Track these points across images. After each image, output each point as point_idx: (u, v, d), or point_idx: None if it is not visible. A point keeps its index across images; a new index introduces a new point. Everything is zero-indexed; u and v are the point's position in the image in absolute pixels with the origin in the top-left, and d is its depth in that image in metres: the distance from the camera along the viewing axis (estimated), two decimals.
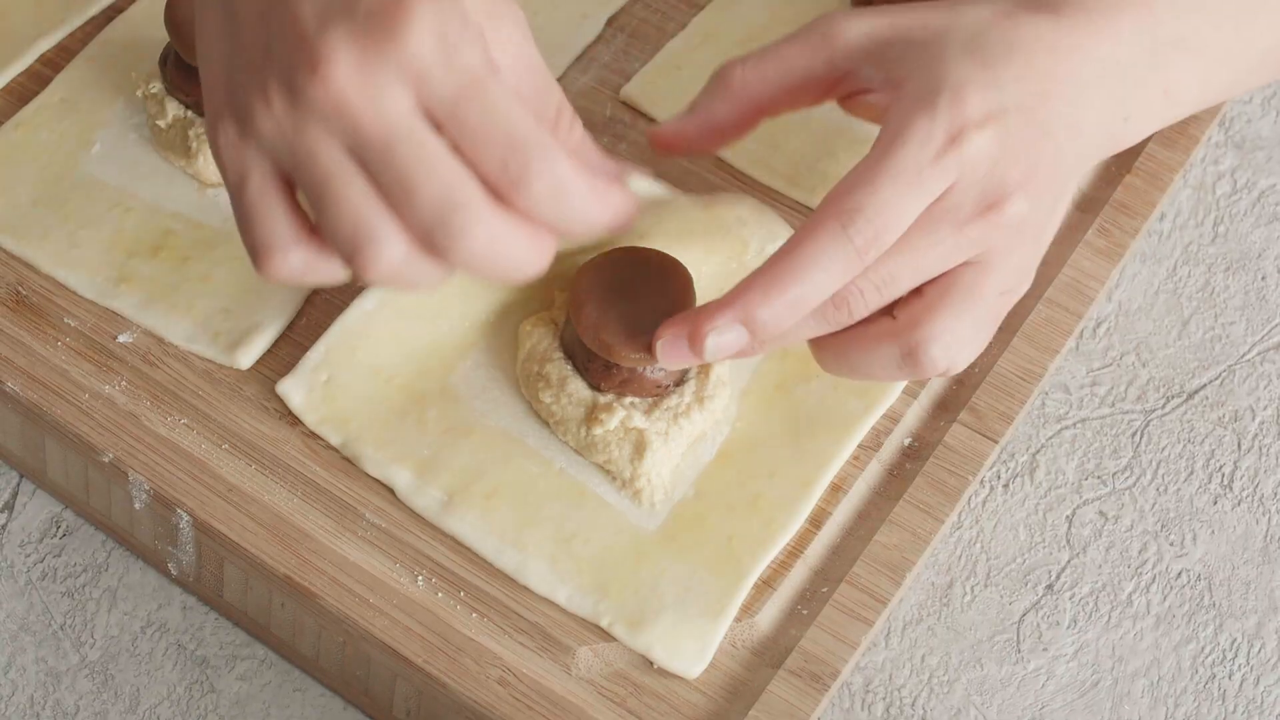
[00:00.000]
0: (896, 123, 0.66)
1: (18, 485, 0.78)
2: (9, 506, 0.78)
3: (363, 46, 0.60)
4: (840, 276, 0.66)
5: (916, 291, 0.67)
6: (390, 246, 0.61)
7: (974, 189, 0.66)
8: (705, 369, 0.74)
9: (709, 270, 0.76)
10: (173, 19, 0.79)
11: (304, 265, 0.63)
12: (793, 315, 0.66)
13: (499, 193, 0.61)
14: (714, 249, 0.77)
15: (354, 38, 0.60)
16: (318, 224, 0.62)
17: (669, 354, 0.67)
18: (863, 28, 0.70)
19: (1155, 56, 0.71)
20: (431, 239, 0.61)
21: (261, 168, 0.62)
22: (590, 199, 0.62)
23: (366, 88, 0.60)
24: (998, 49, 0.68)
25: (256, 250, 0.63)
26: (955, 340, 0.67)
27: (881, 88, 0.69)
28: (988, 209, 0.66)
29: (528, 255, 0.62)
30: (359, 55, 0.60)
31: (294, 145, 0.61)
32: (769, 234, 0.78)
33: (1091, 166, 0.71)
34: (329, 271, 0.63)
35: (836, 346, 0.69)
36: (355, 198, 0.61)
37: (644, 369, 0.72)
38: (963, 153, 0.66)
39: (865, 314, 0.67)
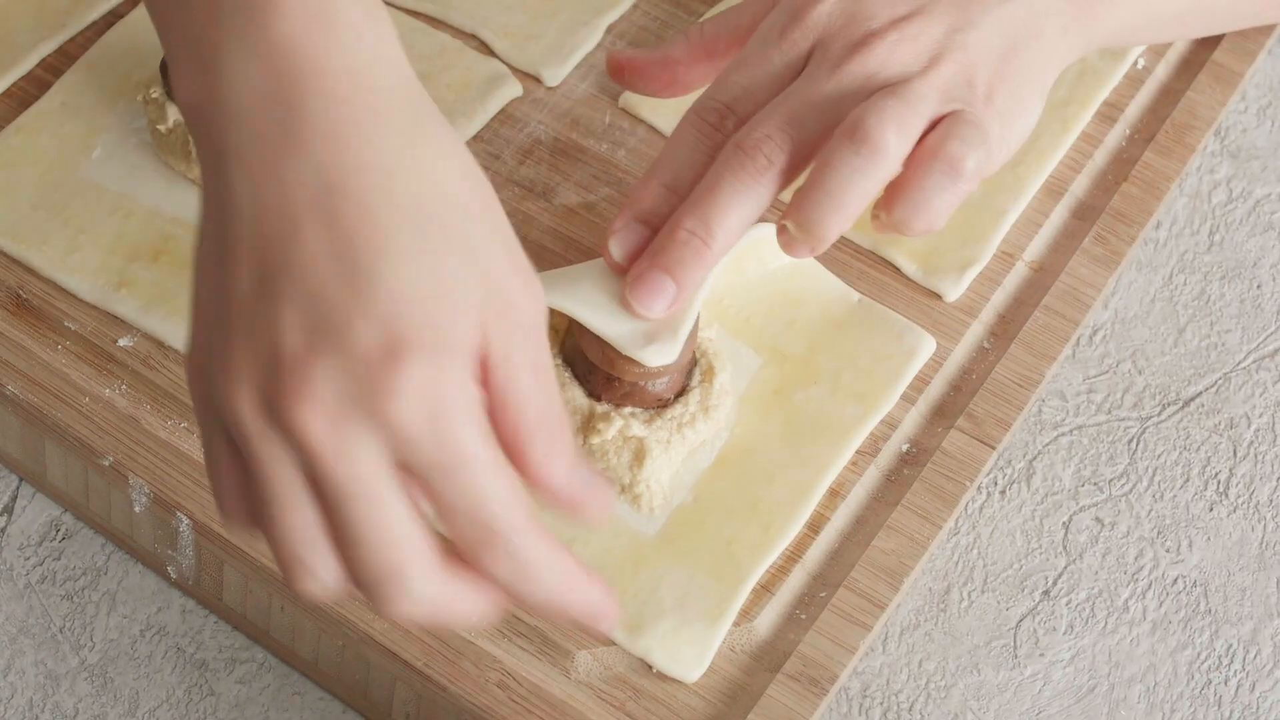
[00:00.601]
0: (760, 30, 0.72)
1: (17, 488, 0.78)
2: (9, 510, 0.78)
3: (347, 396, 0.57)
4: (700, 150, 0.70)
5: None
6: (323, 580, 0.59)
7: (838, 40, 0.70)
8: (709, 378, 0.74)
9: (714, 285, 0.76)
10: None
11: (252, 534, 0.61)
12: (669, 196, 0.70)
13: (463, 554, 0.59)
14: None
15: (339, 382, 0.57)
16: (260, 523, 0.60)
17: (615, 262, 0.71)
18: None
19: None
20: (363, 589, 0.59)
21: (220, 436, 0.60)
22: (555, 583, 0.59)
23: (339, 437, 0.57)
24: None
25: (217, 505, 0.61)
26: (894, 121, 0.68)
27: None
28: (855, 47, 0.70)
29: (473, 611, 0.60)
30: (339, 405, 0.57)
31: (252, 447, 0.58)
32: (770, 241, 0.79)
33: (1075, 35, 0.75)
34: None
35: (892, 199, 0.70)
36: (300, 525, 0.58)
37: (645, 383, 0.72)
38: (810, 20, 0.71)
39: (784, 154, 0.69)
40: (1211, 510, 0.81)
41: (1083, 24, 0.75)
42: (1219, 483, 0.82)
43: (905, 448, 0.78)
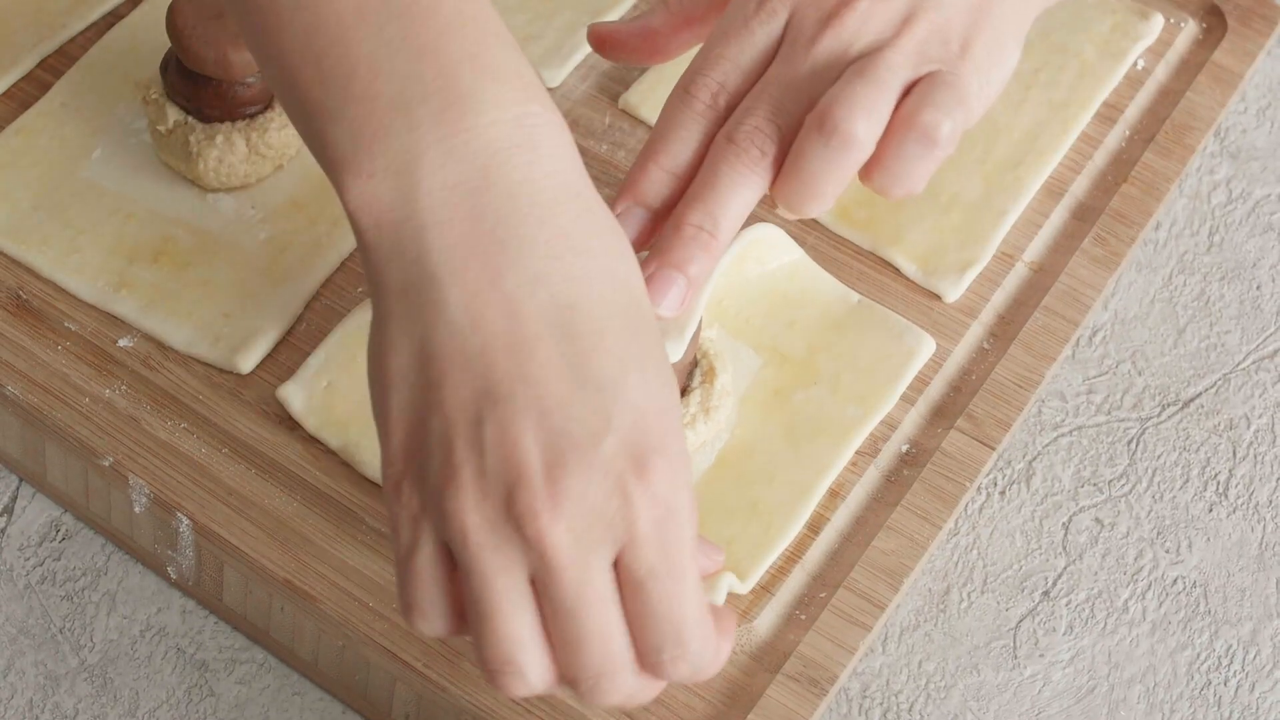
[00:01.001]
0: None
1: (17, 489, 0.78)
2: (9, 510, 0.78)
3: (596, 503, 0.59)
4: (697, 131, 0.69)
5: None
6: (532, 680, 0.61)
7: (810, 13, 0.69)
8: (709, 379, 0.75)
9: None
10: (174, 25, 0.79)
11: (446, 632, 0.62)
12: (669, 180, 0.69)
13: (642, 660, 0.62)
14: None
15: (589, 491, 0.58)
16: (471, 627, 0.61)
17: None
18: None
19: None
20: (575, 685, 0.61)
21: (434, 545, 0.60)
22: (711, 665, 0.63)
23: (585, 544, 0.59)
24: None
25: (407, 606, 0.62)
26: (861, 109, 0.68)
27: None
28: (830, 17, 0.69)
29: (646, 699, 0.63)
30: (589, 512, 0.59)
31: (481, 557, 0.59)
32: (769, 242, 0.79)
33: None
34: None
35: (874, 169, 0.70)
36: (518, 630, 0.60)
37: None
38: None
39: (774, 143, 0.69)
40: (1211, 511, 0.81)
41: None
42: (1218, 483, 0.82)
43: (905, 448, 0.78)
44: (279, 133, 0.81)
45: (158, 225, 0.80)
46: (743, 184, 0.69)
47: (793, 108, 0.69)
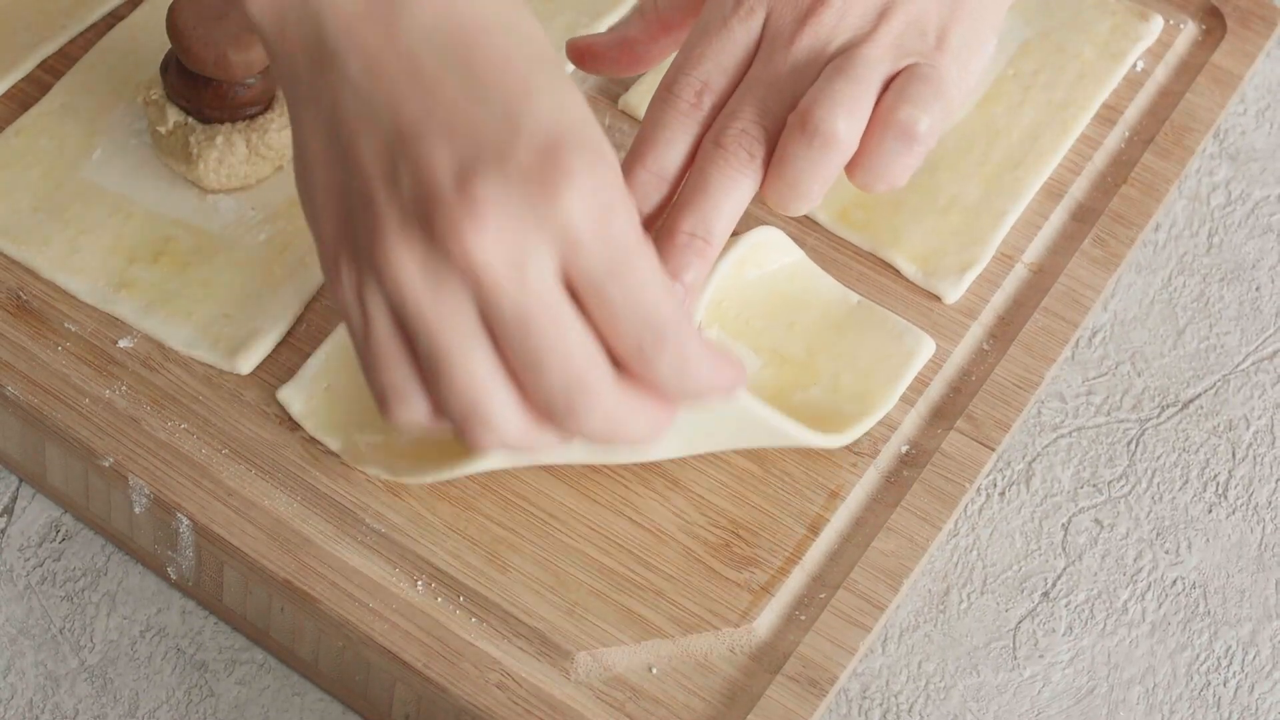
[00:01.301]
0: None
1: (17, 489, 0.78)
2: (9, 511, 0.78)
3: (517, 207, 0.57)
4: (684, 132, 0.70)
5: None
6: (503, 425, 0.59)
7: (787, 11, 0.70)
8: None
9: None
10: (174, 26, 0.79)
11: (429, 415, 0.61)
12: (659, 183, 0.69)
13: (625, 365, 0.60)
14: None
15: (504, 198, 0.57)
16: (430, 388, 0.60)
17: None
18: None
19: None
20: (550, 414, 0.59)
21: (384, 316, 0.60)
22: (713, 374, 0.61)
23: (515, 254, 0.57)
24: None
25: (381, 397, 0.61)
26: (843, 109, 0.68)
27: None
28: (807, 15, 0.70)
29: (645, 427, 0.61)
30: (511, 217, 0.57)
31: (421, 306, 0.58)
32: (769, 244, 0.79)
33: None
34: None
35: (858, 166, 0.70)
36: (475, 370, 0.59)
37: None
38: None
39: (761, 145, 0.69)
40: (1210, 512, 0.81)
41: None
42: (1218, 484, 0.82)
43: (905, 449, 0.78)
44: (279, 134, 0.81)
45: (158, 226, 0.80)
46: (733, 187, 0.69)
47: (776, 108, 0.69)
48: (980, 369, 0.80)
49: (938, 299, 0.82)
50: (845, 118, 0.68)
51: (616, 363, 0.60)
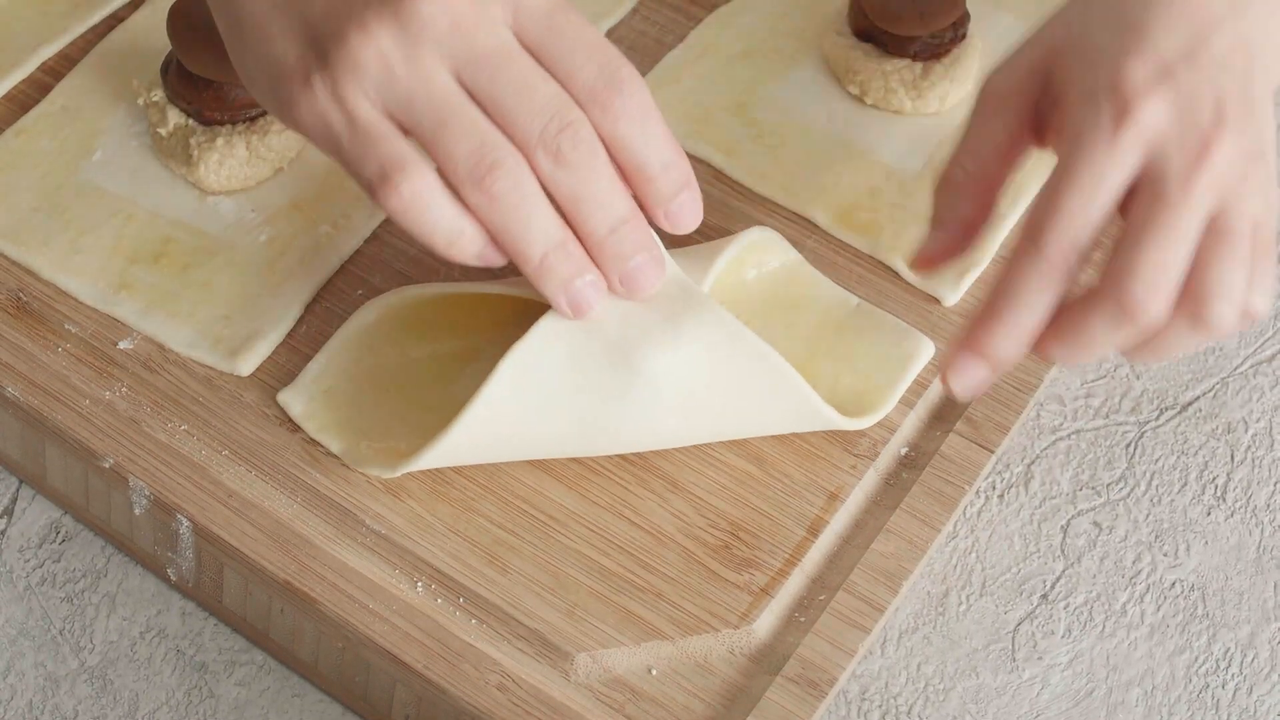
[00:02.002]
0: (1068, 132, 0.66)
1: (17, 491, 0.79)
2: (8, 512, 0.78)
3: None
4: (1049, 292, 0.66)
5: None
6: (515, 163, 0.65)
7: (1171, 157, 0.65)
8: None
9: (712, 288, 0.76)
10: (175, 27, 0.79)
11: (432, 188, 0.66)
12: (1020, 342, 0.67)
13: (591, 104, 0.66)
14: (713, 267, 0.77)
15: None
16: (434, 155, 0.66)
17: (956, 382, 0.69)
18: (1007, 71, 0.70)
19: None
20: (547, 136, 0.65)
21: (366, 103, 0.65)
22: (664, 130, 0.68)
23: (475, 10, 0.64)
24: (1137, 7, 0.67)
25: (384, 174, 0.66)
26: (1233, 289, 0.66)
27: (1056, 110, 0.68)
28: (1195, 166, 0.65)
29: (615, 185, 0.68)
30: None
31: (407, 75, 0.65)
32: (766, 244, 0.79)
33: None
34: (449, 210, 0.67)
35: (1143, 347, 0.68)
36: (477, 120, 0.65)
37: None
38: (1139, 129, 0.65)
39: (1153, 309, 0.66)
40: (1209, 514, 0.82)
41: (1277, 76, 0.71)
42: (1216, 487, 0.82)
43: (904, 451, 0.78)
44: (279, 136, 0.81)
45: (158, 227, 0.80)
46: (1114, 337, 0.67)
47: (1160, 268, 0.65)
48: None
49: (937, 301, 0.82)
50: (1233, 307, 0.66)
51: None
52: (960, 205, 0.72)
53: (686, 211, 0.71)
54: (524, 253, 0.68)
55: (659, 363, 0.71)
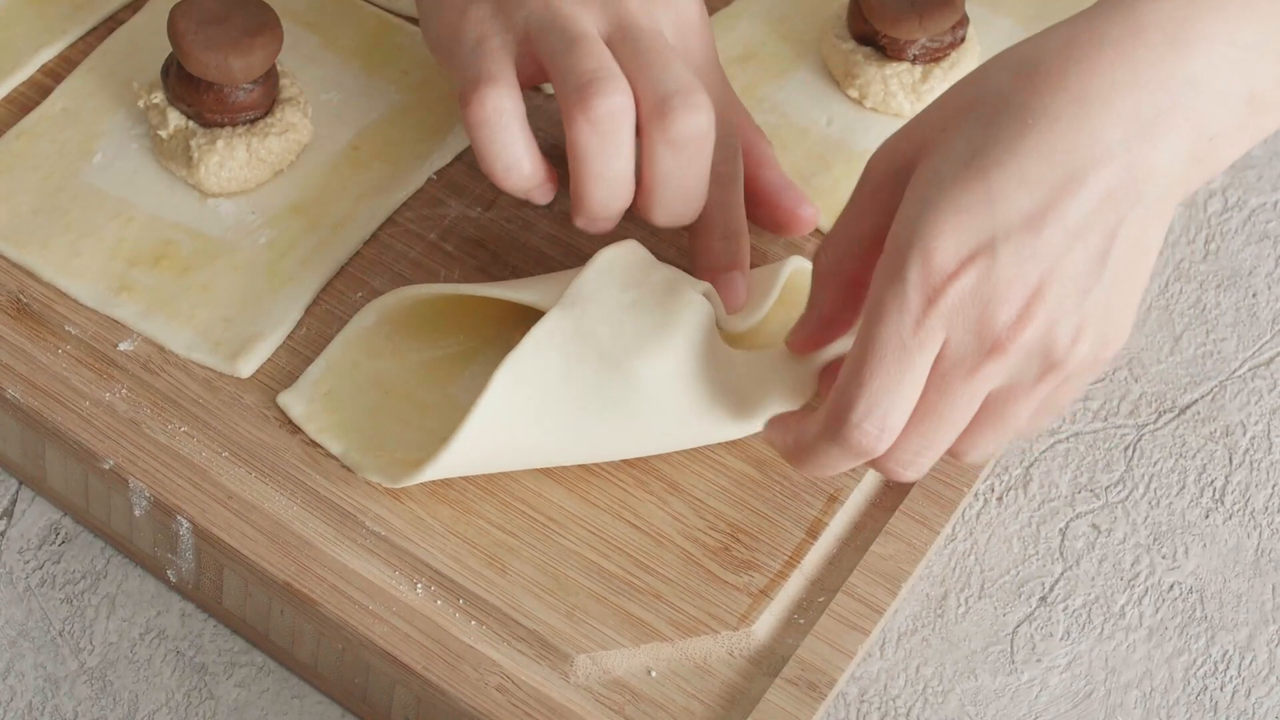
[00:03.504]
0: (874, 295, 0.65)
1: (17, 492, 0.79)
2: (8, 513, 0.78)
3: None
4: (849, 460, 0.67)
5: None
6: (619, 92, 0.71)
7: (968, 337, 0.64)
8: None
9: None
10: (175, 30, 0.79)
11: (512, 112, 0.72)
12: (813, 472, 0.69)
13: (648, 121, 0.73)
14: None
15: None
16: (554, 73, 0.73)
17: None
18: (881, 156, 0.68)
19: (1231, 65, 0.66)
20: (668, 103, 0.72)
21: (508, 33, 0.73)
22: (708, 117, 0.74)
23: None
24: (1008, 134, 0.64)
25: (476, 83, 0.73)
26: (992, 449, 0.69)
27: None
28: (992, 350, 0.64)
29: (705, 177, 0.75)
30: None
31: (559, 10, 0.73)
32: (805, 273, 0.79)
33: (1185, 193, 0.67)
34: (521, 141, 0.73)
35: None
36: (600, 53, 0.72)
37: None
38: (943, 309, 0.63)
39: (920, 475, 0.68)
40: (1207, 517, 0.82)
41: (1181, 195, 0.68)
42: (1215, 490, 0.82)
43: None
44: (279, 138, 0.81)
45: (158, 229, 0.80)
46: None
47: (943, 439, 0.67)
48: None
49: None
50: (993, 453, 0.69)
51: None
52: (823, 296, 0.71)
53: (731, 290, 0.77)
54: (585, 191, 0.74)
55: (652, 368, 0.71)
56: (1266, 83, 0.67)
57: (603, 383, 0.71)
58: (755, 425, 0.75)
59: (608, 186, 0.73)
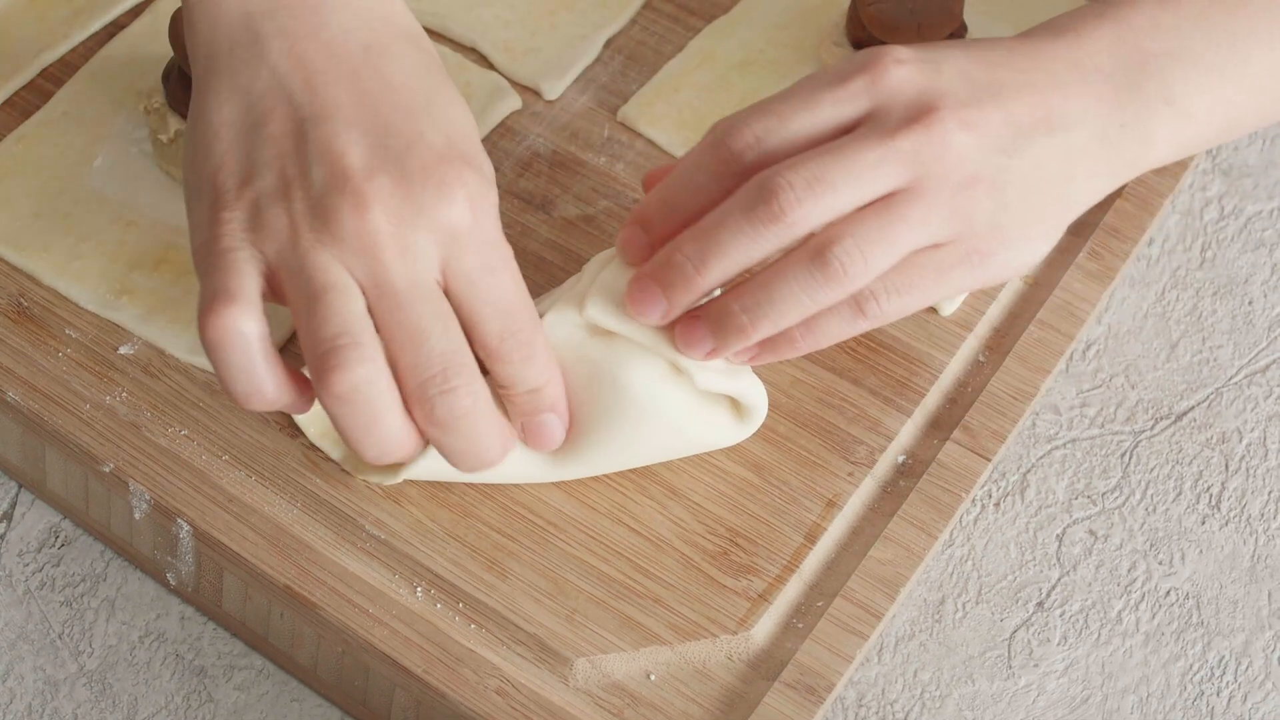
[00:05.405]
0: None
1: (16, 495, 0.79)
2: (8, 516, 0.78)
3: (412, 201, 0.65)
4: (712, 171, 0.68)
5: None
6: (361, 363, 0.64)
7: (898, 109, 0.67)
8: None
9: None
10: (177, 34, 0.79)
11: (252, 328, 0.65)
12: (666, 210, 0.69)
13: (486, 358, 0.67)
14: None
15: (405, 190, 0.65)
16: (299, 326, 0.66)
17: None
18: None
19: (1145, 65, 0.71)
20: (425, 390, 0.65)
21: (253, 252, 0.66)
22: (549, 378, 0.69)
23: (406, 238, 0.65)
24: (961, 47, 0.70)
25: (214, 296, 0.65)
26: (864, 247, 0.66)
27: None
28: (915, 119, 0.67)
29: (492, 439, 0.68)
30: (401, 209, 0.65)
31: (308, 256, 0.65)
32: None
33: (1103, 178, 0.71)
34: (260, 365, 0.66)
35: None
36: (351, 308, 0.65)
37: None
38: (877, 82, 0.68)
39: (804, 215, 0.66)
40: (1204, 523, 0.82)
41: (1112, 168, 0.72)
42: (1211, 496, 0.83)
43: (901, 459, 0.78)
44: None
45: (159, 233, 0.80)
46: (749, 236, 0.67)
47: (841, 189, 0.66)
48: (976, 381, 0.81)
49: (934, 310, 0.82)
50: (864, 266, 0.66)
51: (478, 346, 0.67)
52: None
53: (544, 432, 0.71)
54: (359, 449, 0.67)
55: (643, 376, 0.71)
56: (1182, 87, 0.72)
57: (597, 390, 0.72)
58: (752, 428, 0.75)
59: (379, 446, 0.67)
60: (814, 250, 0.67)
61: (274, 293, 0.67)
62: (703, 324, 0.69)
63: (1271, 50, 0.74)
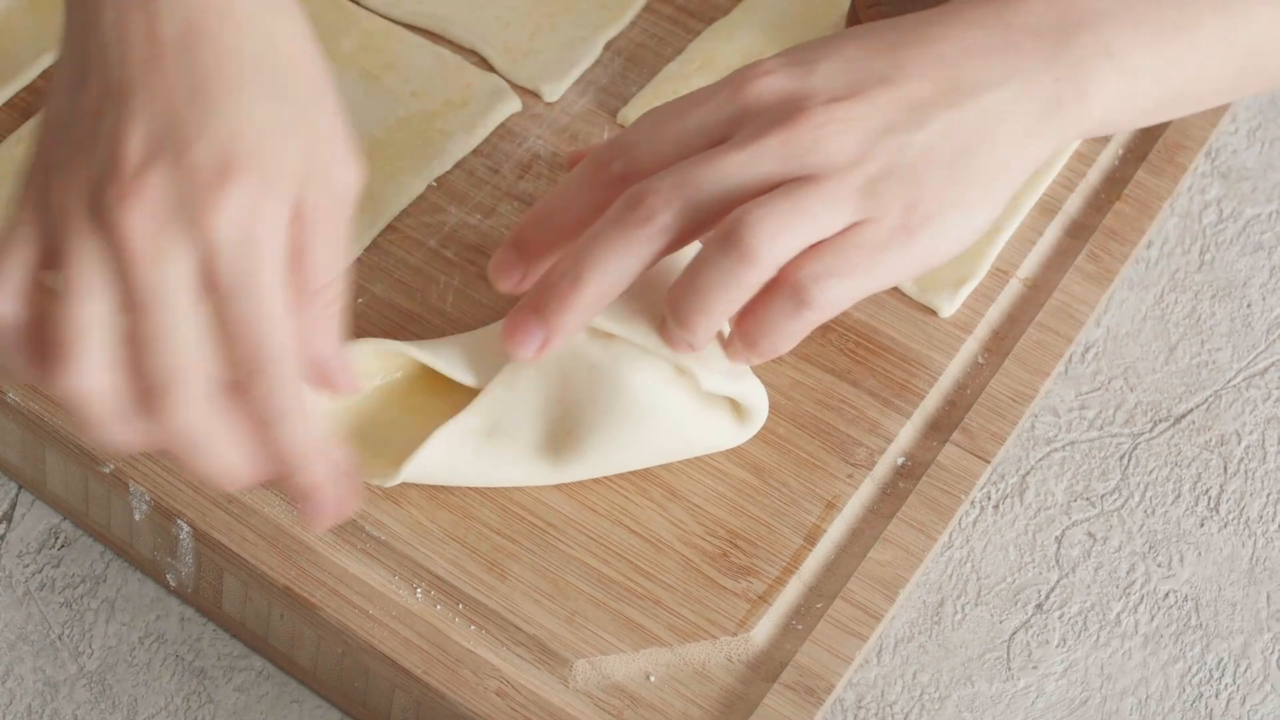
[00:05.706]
0: None
1: (16, 496, 0.79)
2: (8, 517, 0.78)
3: (173, 205, 0.60)
4: (584, 185, 0.68)
5: None
6: (86, 372, 0.61)
7: (765, 116, 0.67)
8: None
9: None
10: None
11: (6, 308, 0.62)
12: (539, 228, 0.69)
13: (238, 386, 0.62)
14: None
15: (169, 191, 0.60)
16: (49, 310, 0.62)
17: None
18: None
19: (1081, 20, 0.70)
20: (148, 394, 0.61)
21: (31, 230, 0.63)
22: (303, 435, 0.63)
23: (158, 242, 0.60)
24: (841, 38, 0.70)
25: None
26: (772, 227, 0.65)
27: None
28: (780, 121, 0.66)
29: (228, 458, 0.62)
30: (164, 211, 0.60)
31: (71, 242, 0.61)
32: None
33: (1041, 138, 0.70)
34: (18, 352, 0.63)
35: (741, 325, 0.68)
36: (91, 310, 0.61)
37: None
38: (740, 92, 0.68)
39: (672, 218, 0.66)
40: (1202, 526, 0.82)
41: (1050, 121, 0.70)
42: (1210, 498, 0.83)
43: (901, 461, 0.78)
44: None
45: None
46: (622, 246, 0.66)
47: (709, 193, 0.66)
48: (975, 383, 0.81)
49: (933, 313, 0.82)
50: (770, 240, 0.65)
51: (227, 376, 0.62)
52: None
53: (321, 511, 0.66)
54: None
55: (642, 376, 0.71)
56: (1118, 42, 0.70)
57: (595, 393, 0.72)
58: (752, 430, 0.75)
59: (106, 442, 0.63)
60: (726, 232, 0.66)
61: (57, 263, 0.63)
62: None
63: (1224, 12, 0.72)
